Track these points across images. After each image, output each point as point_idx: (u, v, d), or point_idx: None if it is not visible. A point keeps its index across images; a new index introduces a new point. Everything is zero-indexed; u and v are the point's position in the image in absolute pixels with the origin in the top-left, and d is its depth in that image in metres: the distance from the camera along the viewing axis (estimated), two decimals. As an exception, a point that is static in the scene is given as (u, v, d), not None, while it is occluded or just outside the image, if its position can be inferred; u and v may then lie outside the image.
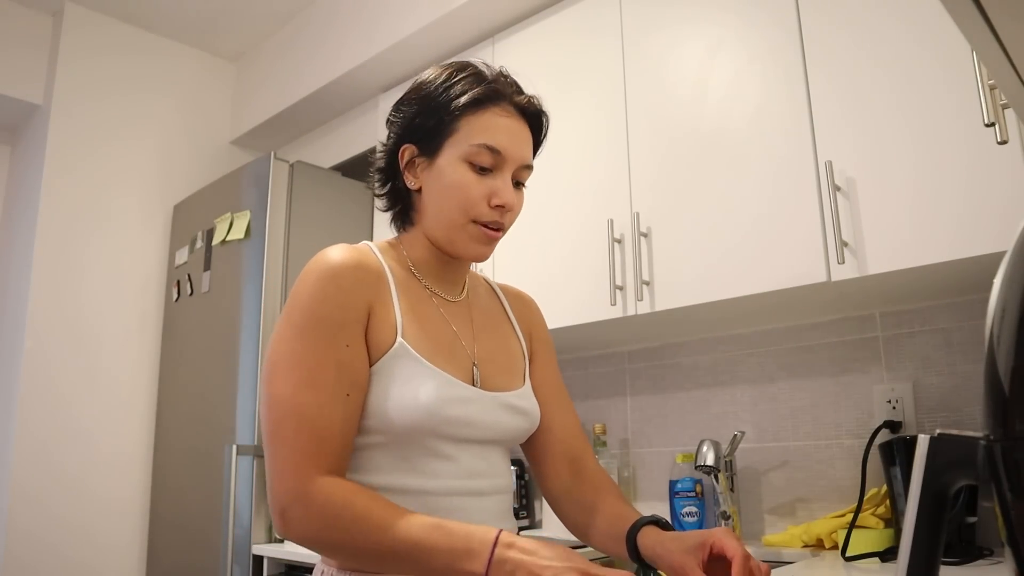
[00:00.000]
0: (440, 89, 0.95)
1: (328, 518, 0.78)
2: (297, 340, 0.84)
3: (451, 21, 2.19)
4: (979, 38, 0.53)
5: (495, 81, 0.96)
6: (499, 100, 0.94)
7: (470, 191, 0.91)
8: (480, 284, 1.10)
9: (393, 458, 0.87)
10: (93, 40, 2.72)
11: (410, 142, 0.96)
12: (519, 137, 0.95)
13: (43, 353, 2.44)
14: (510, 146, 0.93)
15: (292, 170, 2.34)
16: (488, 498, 0.92)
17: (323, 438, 0.81)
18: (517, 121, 0.95)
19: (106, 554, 2.47)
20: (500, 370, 0.98)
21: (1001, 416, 0.43)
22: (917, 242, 1.31)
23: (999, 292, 0.44)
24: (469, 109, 0.92)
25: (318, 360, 0.83)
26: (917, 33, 1.36)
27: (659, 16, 1.78)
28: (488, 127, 0.92)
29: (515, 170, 0.94)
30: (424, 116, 0.94)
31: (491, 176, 0.92)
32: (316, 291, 0.85)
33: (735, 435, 1.73)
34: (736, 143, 1.59)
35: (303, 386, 0.82)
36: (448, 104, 0.93)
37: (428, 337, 0.92)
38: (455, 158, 0.92)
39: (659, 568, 0.88)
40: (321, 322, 0.84)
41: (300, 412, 0.81)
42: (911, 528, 0.48)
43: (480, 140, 0.91)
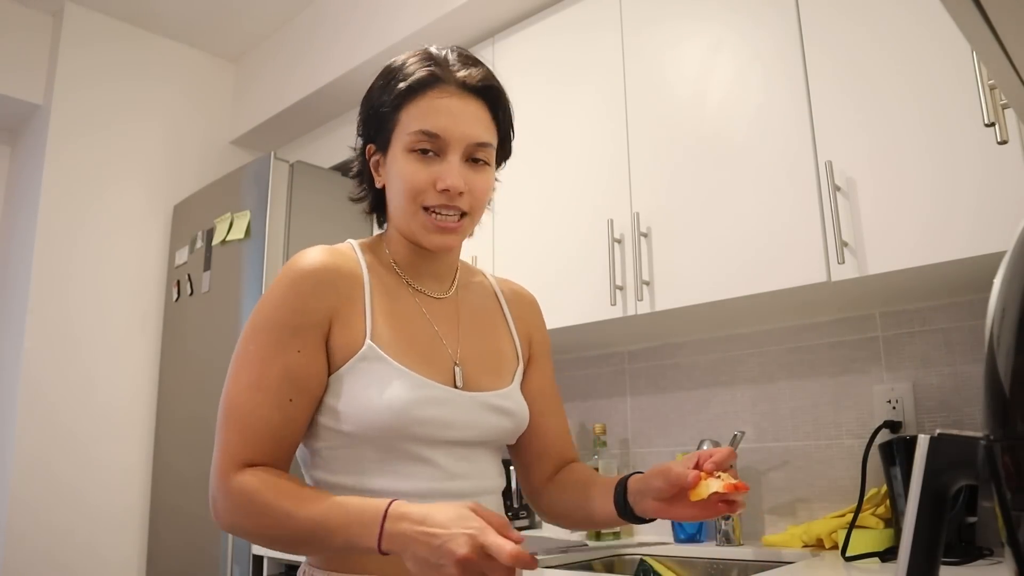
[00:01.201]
0: (382, 84, 0.94)
1: (242, 506, 0.80)
2: (251, 341, 0.86)
3: (451, 21, 2.19)
4: (979, 38, 0.53)
5: (435, 63, 0.92)
6: (437, 83, 0.91)
7: (415, 178, 0.89)
8: (476, 280, 1.08)
9: (369, 460, 0.87)
10: (93, 40, 2.72)
11: (370, 141, 0.96)
12: (463, 116, 0.91)
13: (43, 353, 2.44)
14: (449, 126, 0.89)
15: (292, 170, 2.34)
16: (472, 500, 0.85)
17: (254, 439, 0.82)
18: (460, 100, 0.91)
19: (105, 551, 2.46)
20: (486, 370, 0.97)
21: (1001, 416, 0.43)
22: (917, 242, 1.31)
23: (999, 292, 0.44)
24: (407, 98, 0.91)
25: (265, 363, 0.84)
26: (918, 33, 1.36)
27: (659, 15, 1.78)
28: (426, 112, 0.90)
29: (466, 149, 0.91)
30: (371, 115, 0.95)
31: (437, 161, 0.90)
32: (276, 295, 0.87)
33: (735, 435, 1.73)
34: (736, 143, 1.58)
35: (246, 387, 0.84)
36: (389, 97, 0.92)
37: (403, 338, 0.91)
38: (400, 149, 0.91)
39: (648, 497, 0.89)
40: (275, 326, 0.85)
41: (238, 412, 0.83)
42: (911, 528, 0.48)
43: (416, 127, 0.89)
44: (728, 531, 1.68)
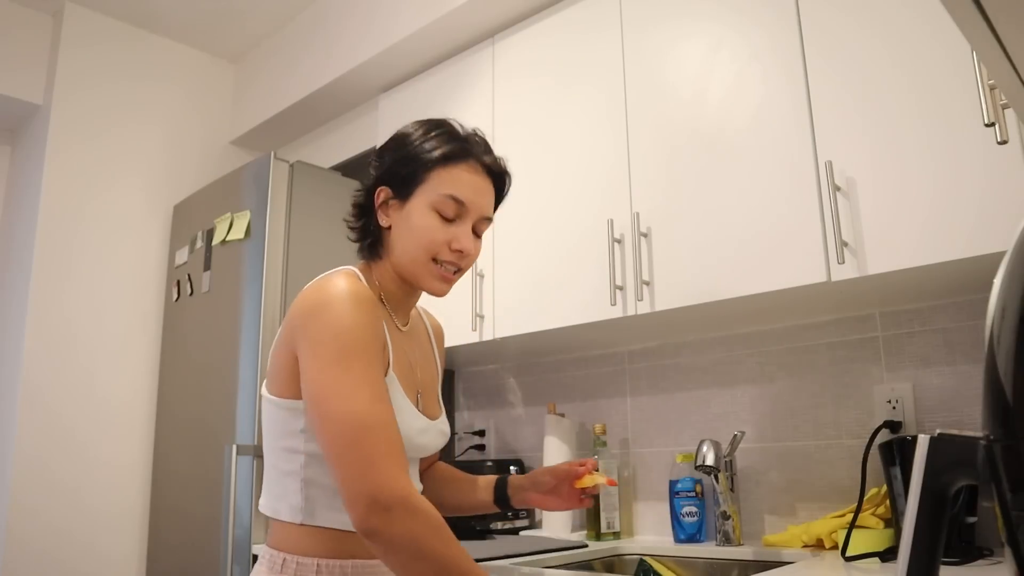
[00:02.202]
0: (417, 141, 1.07)
1: (435, 527, 0.87)
2: (350, 362, 0.92)
3: (451, 21, 2.19)
4: (979, 38, 0.53)
5: (467, 140, 1.09)
6: (468, 157, 1.06)
7: (434, 235, 1.03)
8: (415, 314, 1.20)
9: None
10: (93, 40, 2.72)
11: (386, 185, 1.07)
12: (482, 192, 1.07)
13: (43, 353, 2.44)
14: (473, 199, 1.06)
15: (292, 170, 2.34)
16: None
17: (400, 447, 0.91)
18: (482, 178, 1.08)
19: (105, 550, 2.46)
20: (433, 398, 1.13)
21: (1001, 416, 0.43)
22: (918, 242, 1.32)
23: (999, 292, 0.44)
24: (440, 163, 1.04)
25: (377, 379, 0.93)
26: (918, 32, 1.36)
27: (659, 15, 1.78)
28: (456, 180, 1.04)
29: (477, 221, 1.07)
30: (401, 164, 1.06)
31: (454, 224, 1.05)
32: (352, 319, 0.94)
33: (735, 435, 1.73)
34: (736, 143, 1.59)
35: (371, 401, 0.91)
36: (423, 156, 1.05)
37: (402, 367, 1.04)
38: (424, 205, 1.04)
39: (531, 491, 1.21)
40: (362, 344, 0.94)
41: (378, 423, 0.90)
42: (911, 528, 0.48)
43: (447, 191, 1.04)
44: (728, 531, 1.68)
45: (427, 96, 2.35)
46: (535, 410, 2.26)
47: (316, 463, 0.99)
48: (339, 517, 0.98)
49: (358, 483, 0.86)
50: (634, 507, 1.99)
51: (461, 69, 2.26)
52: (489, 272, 2.01)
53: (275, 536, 1.02)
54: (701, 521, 1.78)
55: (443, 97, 2.29)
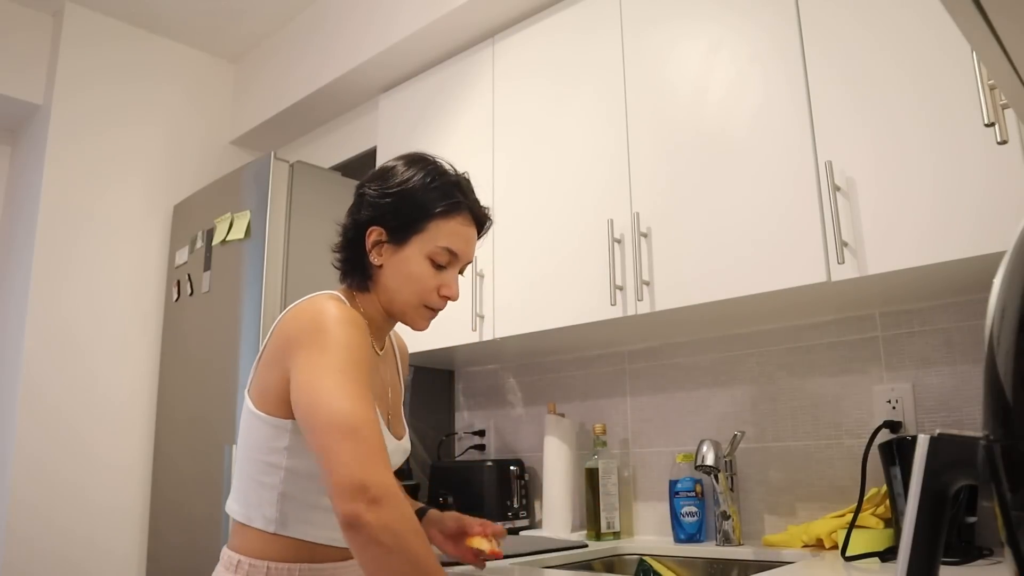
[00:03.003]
0: (418, 188, 1.11)
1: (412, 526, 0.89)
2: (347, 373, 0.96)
3: (451, 21, 2.19)
4: (979, 38, 0.53)
5: (461, 189, 1.14)
6: (463, 210, 1.13)
7: (427, 283, 1.11)
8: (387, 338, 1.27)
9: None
10: (93, 40, 2.72)
11: (381, 226, 1.12)
12: (471, 241, 1.15)
13: (43, 354, 2.44)
14: (464, 250, 1.14)
15: (292, 170, 2.34)
16: None
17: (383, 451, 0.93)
18: (472, 229, 1.15)
19: (105, 552, 2.47)
20: (398, 419, 1.19)
21: (1001, 416, 0.43)
22: (917, 242, 1.32)
23: (999, 292, 0.44)
24: (440, 216, 1.11)
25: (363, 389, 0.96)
26: (918, 32, 1.36)
27: (659, 15, 1.78)
28: (452, 233, 1.11)
29: (464, 266, 1.16)
30: (398, 212, 1.11)
31: (444, 271, 1.12)
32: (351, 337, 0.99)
33: (735, 435, 1.73)
34: (736, 143, 1.59)
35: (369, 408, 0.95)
36: (425, 206, 1.10)
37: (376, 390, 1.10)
38: (420, 253, 1.11)
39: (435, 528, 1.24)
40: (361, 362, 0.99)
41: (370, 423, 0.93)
42: (911, 528, 0.48)
43: (444, 244, 1.11)
44: (728, 531, 1.68)
45: (427, 96, 2.35)
46: (535, 410, 2.26)
47: (294, 479, 1.05)
48: (309, 530, 1.06)
49: (351, 471, 0.88)
50: (634, 507, 1.99)
51: (461, 69, 2.26)
52: (489, 272, 2.01)
53: (239, 539, 1.10)
54: (701, 521, 1.78)
55: (443, 97, 2.29)
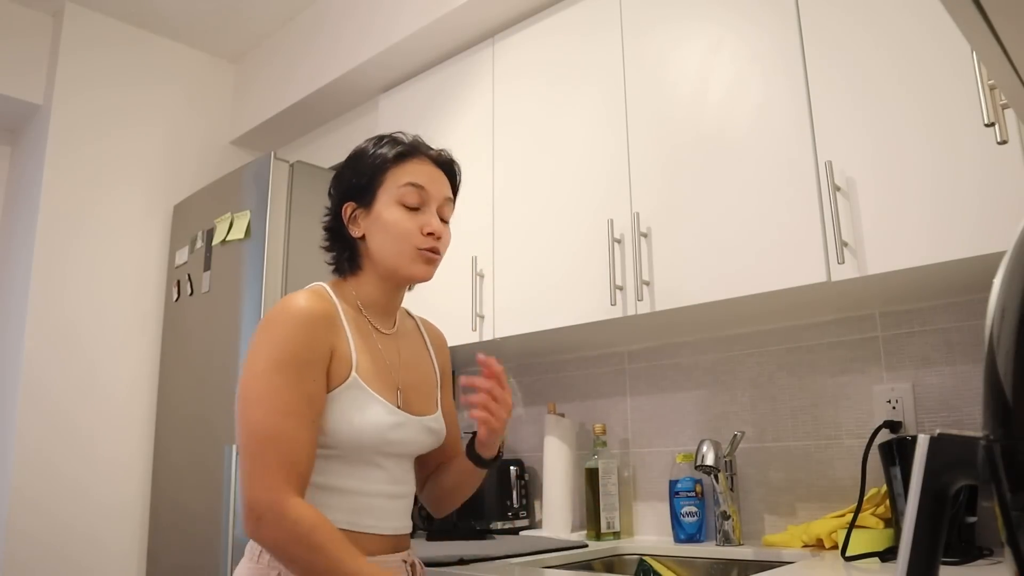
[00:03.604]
0: (369, 153, 1.17)
1: (297, 535, 0.94)
2: (275, 374, 1.00)
3: (451, 21, 2.19)
4: (979, 38, 0.53)
5: (412, 142, 1.19)
6: (415, 153, 1.17)
7: (405, 224, 1.13)
8: (407, 318, 1.29)
9: (341, 464, 1.07)
10: (93, 40, 2.72)
11: (350, 200, 1.17)
12: (437, 179, 1.18)
13: (43, 353, 2.44)
14: (430, 184, 1.16)
15: (292, 170, 2.34)
16: (401, 500, 1.14)
17: (295, 458, 0.98)
18: (433, 168, 1.18)
19: (106, 551, 2.47)
20: (421, 397, 1.19)
21: (1001, 416, 0.43)
22: (917, 242, 1.32)
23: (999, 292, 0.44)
24: (394, 162, 1.15)
25: (292, 392, 1.00)
26: (918, 32, 1.36)
27: (659, 15, 1.78)
28: (411, 171, 1.15)
29: (439, 205, 1.17)
30: (358, 176, 1.16)
31: (420, 213, 1.14)
32: (289, 335, 1.03)
33: (735, 435, 1.73)
34: (736, 143, 1.59)
35: (281, 414, 0.99)
36: (377, 161, 1.15)
37: (374, 369, 1.11)
38: (388, 202, 1.14)
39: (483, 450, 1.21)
40: (294, 360, 1.02)
41: (279, 435, 0.98)
42: (911, 528, 0.48)
43: (406, 180, 1.14)
44: (728, 531, 1.68)
45: (427, 96, 2.35)
46: (535, 410, 2.26)
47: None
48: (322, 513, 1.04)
49: (246, 489, 0.97)
50: (634, 507, 1.99)
51: (461, 69, 2.26)
52: (489, 272, 2.01)
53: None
54: (701, 521, 1.78)
55: (443, 97, 2.29)
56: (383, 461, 1.10)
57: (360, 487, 1.08)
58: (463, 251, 2.05)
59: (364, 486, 1.08)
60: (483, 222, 2.05)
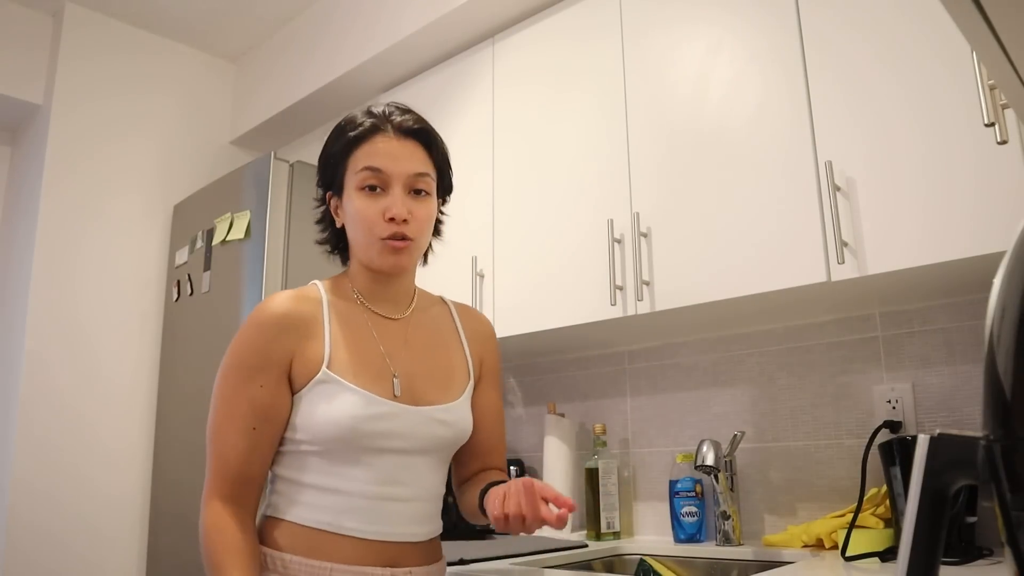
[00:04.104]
0: (332, 140, 1.11)
1: (203, 535, 0.98)
2: (223, 380, 1.03)
3: (451, 21, 2.19)
4: (979, 38, 0.53)
5: (374, 117, 1.09)
6: (376, 131, 1.07)
7: (366, 212, 1.05)
8: (434, 304, 1.21)
9: (321, 462, 1.02)
10: (93, 40, 2.72)
11: (328, 189, 1.13)
12: (399, 154, 1.06)
13: (44, 353, 2.44)
14: (389, 163, 1.05)
15: (292, 170, 2.34)
16: (406, 503, 1.03)
17: (226, 464, 0.99)
18: (399, 141, 1.07)
19: (107, 551, 2.47)
20: (432, 384, 1.09)
21: (1001, 416, 0.43)
22: (917, 242, 1.31)
23: (999, 292, 0.44)
24: (353, 145, 1.07)
25: (234, 398, 1.01)
26: (918, 33, 1.36)
27: (659, 16, 1.78)
28: (369, 153, 1.06)
29: (407, 181, 1.06)
30: (327, 164, 1.12)
31: (383, 195, 1.05)
32: (245, 340, 1.03)
33: (735, 435, 1.73)
34: (736, 143, 1.59)
35: (221, 420, 1.01)
36: (339, 148, 1.09)
37: (357, 360, 1.04)
38: (352, 189, 1.07)
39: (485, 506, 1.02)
40: (242, 366, 1.02)
41: (215, 442, 1.01)
42: (911, 528, 0.48)
43: (362, 165, 1.06)
44: (728, 531, 1.68)
45: (427, 96, 2.35)
46: (535, 410, 2.26)
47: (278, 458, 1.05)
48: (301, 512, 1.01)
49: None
50: (634, 507, 1.99)
51: (461, 69, 2.26)
52: (489, 272, 2.01)
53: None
54: (701, 521, 1.78)
55: (443, 97, 2.29)
56: (369, 458, 1.01)
57: (340, 485, 1.00)
58: (463, 251, 2.05)
59: (344, 485, 1.00)
60: (483, 222, 2.05)
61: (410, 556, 1.03)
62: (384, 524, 1.01)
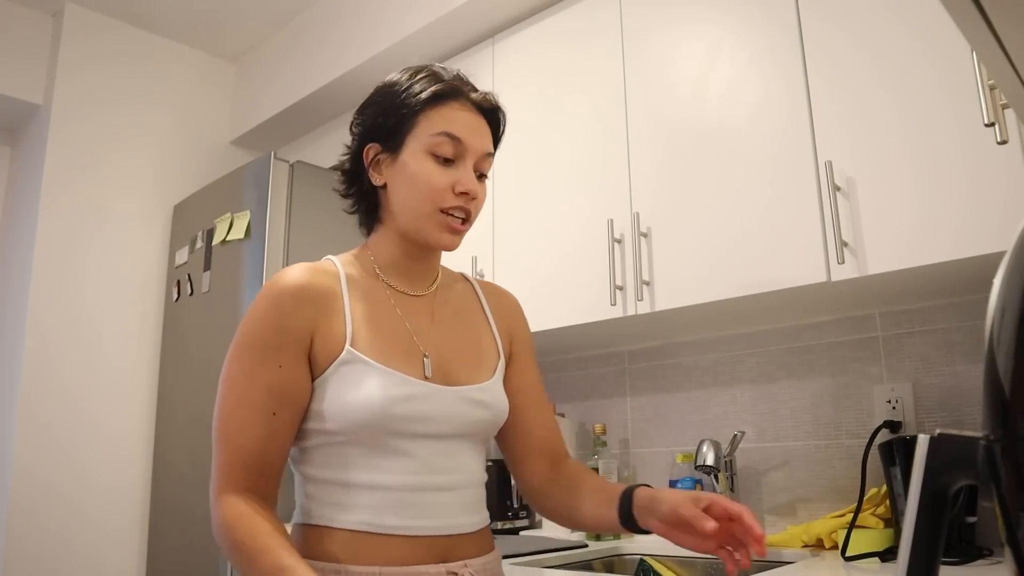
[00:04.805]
0: (400, 89, 0.99)
1: (220, 534, 0.86)
2: (236, 361, 0.92)
3: (451, 21, 2.19)
4: (979, 38, 0.53)
5: (452, 79, 1.01)
6: (456, 95, 0.99)
7: (435, 179, 0.95)
8: (457, 280, 1.12)
9: (354, 455, 0.91)
10: (93, 40, 2.72)
11: (374, 141, 1.00)
12: (477, 128, 0.99)
13: (44, 353, 2.44)
14: (469, 135, 0.97)
15: (292, 170, 2.34)
16: (451, 493, 0.94)
17: (243, 454, 0.88)
18: (475, 114, 1.00)
19: (108, 546, 2.47)
20: (463, 364, 1.00)
21: (1001, 416, 0.43)
22: (917, 242, 1.32)
23: (999, 292, 0.44)
24: (429, 104, 0.97)
25: (249, 381, 0.90)
26: (917, 34, 1.36)
27: (659, 16, 1.78)
28: (448, 118, 0.97)
29: (477, 160, 0.98)
30: (386, 115, 0.99)
31: (454, 167, 0.96)
32: (257, 314, 0.92)
33: (735, 435, 1.73)
34: (736, 143, 1.59)
35: (234, 405, 0.90)
36: (408, 101, 0.97)
37: (381, 338, 0.95)
38: (418, 150, 0.96)
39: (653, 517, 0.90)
40: (256, 344, 0.91)
41: (228, 429, 0.89)
42: (911, 528, 0.48)
43: (440, 128, 0.96)
44: (728, 531, 1.68)
45: (427, 96, 2.35)
46: (535, 410, 2.26)
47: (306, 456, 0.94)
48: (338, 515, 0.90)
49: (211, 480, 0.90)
50: (634, 507, 1.98)
51: (462, 69, 2.25)
52: (489, 272, 2.01)
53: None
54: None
55: (443, 97, 2.29)
56: (406, 445, 0.91)
57: (377, 480, 0.90)
58: (463, 251, 2.04)
59: (382, 478, 0.90)
60: (483, 222, 2.05)
61: (463, 548, 0.93)
62: (430, 517, 0.91)
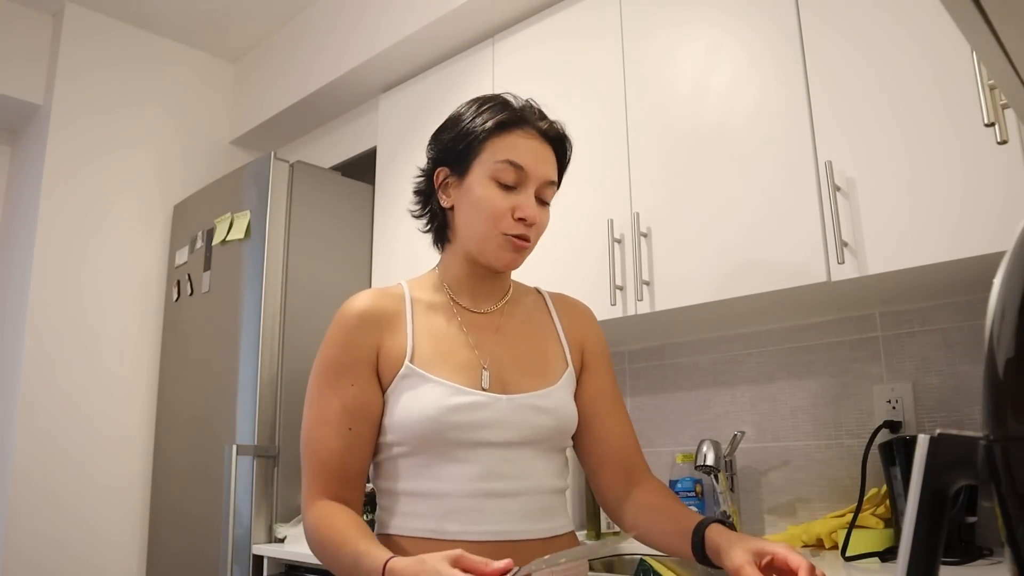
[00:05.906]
0: (469, 116, 1.05)
1: (308, 532, 0.95)
2: (314, 382, 1.01)
3: (451, 21, 2.19)
4: (979, 38, 0.53)
5: (520, 109, 1.06)
6: (522, 124, 1.04)
7: (496, 204, 1.00)
8: (528, 294, 1.17)
9: (414, 465, 0.98)
10: (93, 40, 2.72)
11: (444, 165, 1.06)
12: (541, 156, 1.04)
13: (44, 353, 2.44)
14: (531, 163, 1.02)
15: (292, 170, 2.34)
16: (514, 499, 0.97)
17: (325, 468, 0.97)
18: (539, 143, 1.05)
19: (107, 549, 2.47)
20: (524, 373, 1.04)
21: (1001, 416, 0.43)
22: (917, 242, 1.32)
23: (999, 292, 0.44)
24: (494, 132, 1.02)
25: (325, 400, 0.99)
26: (916, 34, 1.36)
27: (659, 17, 1.78)
28: (511, 147, 1.02)
29: (538, 187, 1.03)
30: (455, 141, 1.05)
31: (515, 192, 1.01)
32: (330, 340, 1.02)
33: (735, 435, 1.73)
34: (736, 143, 1.59)
35: (313, 424, 0.99)
36: (475, 128, 1.03)
37: (440, 352, 1.01)
38: (482, 176, 1.02)
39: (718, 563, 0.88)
40: (330, 367, 1.00)
41: (310, 446, 0.99)
42: (911, 528, 0.48)
43: (504, 156, 1.01)
44: (728, 531, 1.68)
45: (427, 96, 2.35)
46: (535, 410, 2.26)
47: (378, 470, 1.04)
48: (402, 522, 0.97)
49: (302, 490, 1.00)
50: (634, 507, 1.98)
51: (461, 69, 2.26)
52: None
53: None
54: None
55: (444, 97, 2.29)
56: (465, 454, 0.95)
57: (438, 487, 0.96)
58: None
59: (442, 486, 0.95)
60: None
61: (530, 555, 0.89)
62: (492, 523, 0.94)
